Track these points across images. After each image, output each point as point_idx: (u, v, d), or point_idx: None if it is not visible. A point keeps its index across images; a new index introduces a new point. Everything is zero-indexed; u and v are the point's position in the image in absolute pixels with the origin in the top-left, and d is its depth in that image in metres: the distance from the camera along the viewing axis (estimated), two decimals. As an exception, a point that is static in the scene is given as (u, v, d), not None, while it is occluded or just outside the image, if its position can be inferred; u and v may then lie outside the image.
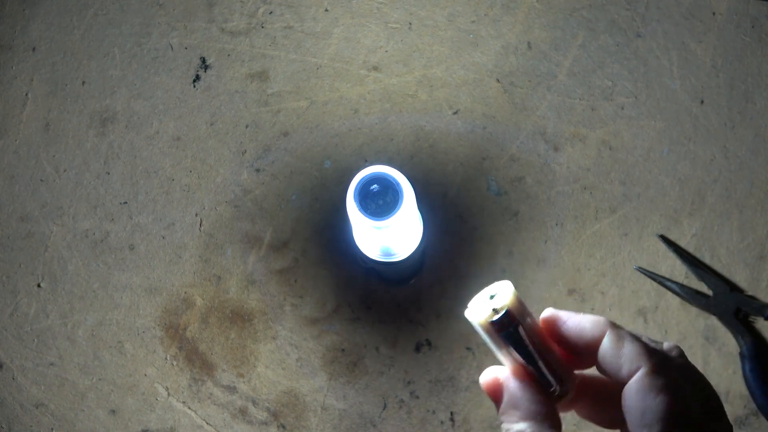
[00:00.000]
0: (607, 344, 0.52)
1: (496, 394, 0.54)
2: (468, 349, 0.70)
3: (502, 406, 0.54)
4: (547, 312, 0.55)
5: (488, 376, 0.53)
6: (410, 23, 0.73)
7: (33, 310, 0.71)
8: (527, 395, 0.54)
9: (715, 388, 0.68)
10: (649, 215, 0.70)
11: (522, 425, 0.53)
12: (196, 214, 0.72)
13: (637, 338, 0.52)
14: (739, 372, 0.68)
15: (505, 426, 0.53)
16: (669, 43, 0.72)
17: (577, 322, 0.54)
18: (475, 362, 0.69)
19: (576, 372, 0.55)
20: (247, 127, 0.72)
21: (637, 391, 0.50)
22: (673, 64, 0.72)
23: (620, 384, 0.51)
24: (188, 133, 0.72)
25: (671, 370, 0.51)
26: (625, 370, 0.51)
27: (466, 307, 0.74)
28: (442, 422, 0.69)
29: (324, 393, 0.70)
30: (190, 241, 0.71)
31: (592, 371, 0.54)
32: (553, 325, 0.56)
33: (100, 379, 0.71)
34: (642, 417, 0.49)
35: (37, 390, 0.70)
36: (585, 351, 0.54)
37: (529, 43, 0.72)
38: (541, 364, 0.55)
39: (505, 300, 0.53)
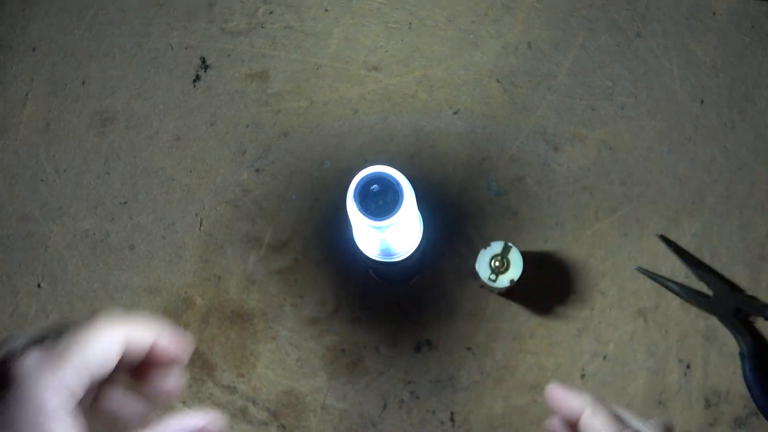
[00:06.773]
0: (588, 415, 0.59)
1: None
2: (468, 349, 0.70)
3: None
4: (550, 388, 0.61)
5: None
6: (410, 23, 0.73)
7: (33, 310, 0.71)
8: None
9: (715, 388, 0.69)
10: (649, 215, 0.70)
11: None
12: (196, 214, 0.72)
13: (615, 416, 0.57)
14: (739, 372, 0.68)
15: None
16: (669, 43, 0.72)
17: (566, 396, 0.61)
18: (475, 362, 0.70)
19: None
20: (247, 127, 0.72)
21: None
22: (673, 64, 0.72)
23: None
24: (188, 133, 0.72)
25: None
26: None
27: (466, 307, 0.74)
28: (442, 422, 0.69)
29: (324, 393, 0.70)
30: (190, 241, 0.71)
31: None
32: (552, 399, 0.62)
33: (100, 379, 0.70)
34: None
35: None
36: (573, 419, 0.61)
37: (529, 43, 0.72)
38: None
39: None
